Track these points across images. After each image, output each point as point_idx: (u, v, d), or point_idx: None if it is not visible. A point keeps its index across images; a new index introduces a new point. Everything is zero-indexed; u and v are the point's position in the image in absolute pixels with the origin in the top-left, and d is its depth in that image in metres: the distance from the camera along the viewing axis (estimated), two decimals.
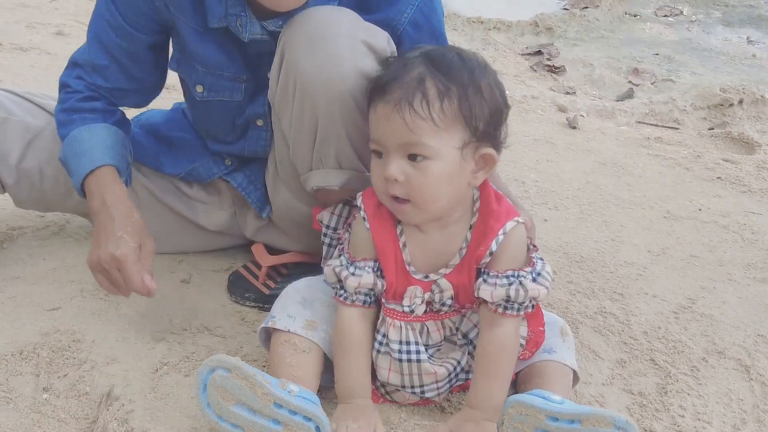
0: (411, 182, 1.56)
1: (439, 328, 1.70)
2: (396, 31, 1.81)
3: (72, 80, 2.01)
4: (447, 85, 1.54)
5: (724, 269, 2.57)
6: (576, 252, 2.56)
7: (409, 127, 1.52)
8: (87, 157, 1.90)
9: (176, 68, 1.97)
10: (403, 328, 1.67)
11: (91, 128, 1.94)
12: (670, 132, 3.90)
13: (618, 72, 4.73)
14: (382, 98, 1.56)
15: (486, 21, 5.21)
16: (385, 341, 1.68)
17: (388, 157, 1.57)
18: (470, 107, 1.55)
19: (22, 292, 2.01)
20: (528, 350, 1.74)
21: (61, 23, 4.37)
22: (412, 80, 1.54)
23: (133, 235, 1.80)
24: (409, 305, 1.66)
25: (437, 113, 1.53)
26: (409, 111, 1.52)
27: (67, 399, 1.67)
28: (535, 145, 3.52)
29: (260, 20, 1.82)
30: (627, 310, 2.25)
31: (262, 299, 2.05)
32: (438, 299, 1.67)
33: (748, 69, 5.00)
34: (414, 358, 1.67)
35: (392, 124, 1.54)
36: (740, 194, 3.20)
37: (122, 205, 1.85)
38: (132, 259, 1.77)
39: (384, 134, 1.57)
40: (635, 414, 1.83)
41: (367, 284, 1.65)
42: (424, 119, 1.52)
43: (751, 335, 2.21)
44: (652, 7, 6.22)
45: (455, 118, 1.54)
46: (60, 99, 2.02)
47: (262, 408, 1.48)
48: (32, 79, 3.52)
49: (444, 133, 1.54)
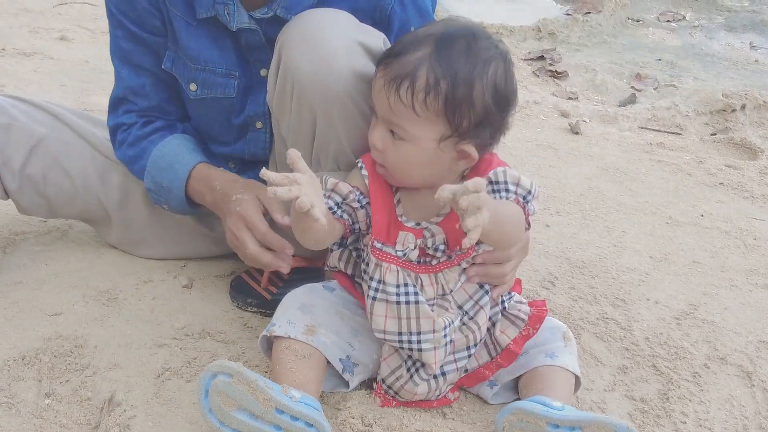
0: (386, 153, 1.64)
1: (432, 282, 1.70)
2: (384, 11, 1.85)
3: (121, 118, 2.04)
4: (437, 79, 1.55)
5: (726, 275, 2.57)
6: (578, 257, 2.56)
7: (392, 109, 1.58)
8: (178, 165, 1.96)
9: (170, 67, 1.98)
10: (400, 272, 1.68)
11: (165, 143, 1.99)
12: (673, 137, 3.90)
13: (620, 77, 4.73)
14: (380, 70, 1.61)
15: (488, 26, 5.21)
16: (381, 287, 1.68)
17: (375, 123, 1.66)
18: (455, 106, 1.57)
19: (24, 297, 2.01)
20: (532, 326, 1.77)
21: (65, 28, 4.38)
22: (409, 63, 1.57)
23: (245, 191, 1.85)
24: (402, 249, 1.68)
25: (419, 104, 1.56)
26: (394, 94, 1.57)
27: (69, 404, 1.67)
28: (537, 150, 3.52)
29: (247, 10, 1.83)
30: (629, 315, 2.25)
31: (264, 304, 2.05)
32: (431, 244, 1.67)
33: (751, 74, 5.00)
34: (412, 300, 1.67)
35: (380, 98, 1.61)
36: (742, 200, 3.20)
37: (228, 181, 1.91)
38: (252, 207, 1.82)
39: (375, 102, 1.65)
40: (637, 420, 1.83)
41: (342, 190, 1.68)
42: (405, 106, 1.57)
43: (753, 341, 2.20)
44: (655, 12, 6.22)
45: (437, 113, 1.57)
46: (118, 141, 2.06)
47: (264, 413, 1.49)
48: (36, 84, 3.53)
49: (424, 123, 1.58)
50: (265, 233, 1.80)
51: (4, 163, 2.03)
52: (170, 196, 1.99)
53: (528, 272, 2.41)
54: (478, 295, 1.73)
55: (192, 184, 1.96)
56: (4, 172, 2.03)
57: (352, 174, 1.75)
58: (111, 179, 2.12)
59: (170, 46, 1.96)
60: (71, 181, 2.09)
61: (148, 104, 2.03)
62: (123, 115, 2.04)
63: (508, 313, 1.80)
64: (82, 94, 3.48)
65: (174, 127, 2.06)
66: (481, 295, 1.73)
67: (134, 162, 2.03)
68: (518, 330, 1.77)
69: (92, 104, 3.33)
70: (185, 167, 1.95)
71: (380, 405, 1.75)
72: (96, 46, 4.22)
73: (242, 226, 1.81)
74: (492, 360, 1.79)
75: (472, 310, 1.73)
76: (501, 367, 1.78)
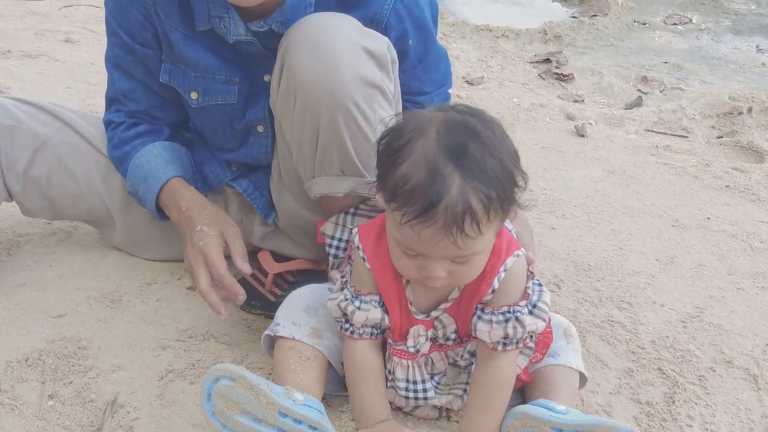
0: (455, 275, 1.52)
1: (443, 357, 1.71)
2: (380, 24, 1.82)
3: (112, 115, 2.08)
4: (489, 195, 1.44)
5: (733, 278, 2.56)
6: (584, 260, 2.55)
7: (460, 247, 1.45)
8: (151, 178, 1.98)
9: (168, 80, 1.98)
10: (410, 367, 1.67)
11: (145, 151, 2.02)
12: (679, 140, 3.89)
13: (627, 80, 4.71)
14: (425, 222, 1.42)
15: (495, 29, 5.20)
16: (392, 377, 1.68)
17: (431, 264, 1.50)
18: (509, 200, 1.50)
19: (28, 299, 2.01)
20: (539, 352, 1.73)
21: (70, 30, 4.38)
22: (453, 202, 1.41)
23: (211, 225, 1.86)
24: (414, 345, 1.65)
25: (485, 225, 1.46)
26: (461, 235, 1.43)
27: (73, 406, 1.67)
28: (543, 153, 3.51)
29: (244, 21, 1.83)
30: (635, 319, 2.24)
31: (269, 306, 2.04)
32: (442, 334, 1.67)
33: (758, 77, 4.98)
34: (421, 396, 1.69)
35: (440, 245, 1.45)
36: (749, 203, 3.18)
37: (196, 204, 1.93)
38: (214, 245, 1.82)
39: (427, 250, 1.48)
40: (642, 424, 1.82)
41: (375, 319, 1.63)
42: (474, 237, 1.45)
43: (759, 344, 2.19)
44: (661, 15, 6.20)
45: (498, 216, 1.49)
46: (108, 138, 2.09)
47: (267, 417, 1.48)
48: (41, 87, 3.53)
49: (488, 231, 1.49)
50: (222, 275, 1.80)
51: (8, 165, 2.03)
52: (145, 205, 2.03)
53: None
54: None
55: (162, 198, 1.99)
56: (8, 174, 2.03)
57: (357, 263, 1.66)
58: (114, 181, 2.12)
59: (165, 58, 1.96)
60: (75, 182, 2.09)
61: (137, 108, 2.05)
62: (114, 113, 2.08)
63: None
64: (87, 96, 3.48)
65: (160, 132, 2.07)
66: None
67: (119, 164, 2.07)
68: (527, 359, 1.72)
69: (97, 106, 3.33)
70: (156, 183, 1.98)
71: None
72: (101, 48, 4.17)
73: (200, 261, 1.82)
74: None
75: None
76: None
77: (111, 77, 2.07)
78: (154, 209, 2.00)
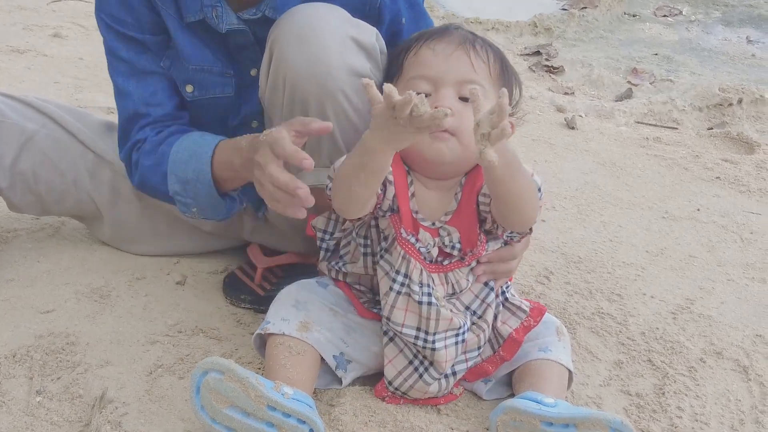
0: (463, 115, 1.62)
1: (442, 281, 1.71)
2: (374, 4, 1.83)
3: (135, 136, 1.96)
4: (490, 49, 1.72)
5: (723, 269, 2.56)
6: (574, 252, 2.55)
7: (473, 66, 1.66)
8: (200, 150, 1.85)
9: (169, 66, 1.95)
10: (423, 272, 1.68)
11: (184, 138, 1.89)
12: (669, 132, 3.89)
13: (617, 72, 4.72)
14: (441, 38, 1.69)
15: (484, 21, 5.21)
16: (407, 282, 1.67)
17: (439, 93, 1.65)
18: (507, 77, 1.74)
19: (16, 294, 2.00)
20: (533, 318, 1.77)
21: (58, 25, 4.37)
22: (462, 36, 1.70)
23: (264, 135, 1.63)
24: (425, 246, 1.68)
25: (491, 64, 1.69)
26: (473, 51, 1.67)
27: (61, 402, 1.66)
28: (533, 145, 3.51)
29: (235, 11, 1.82)
30: (625, 310, 2.24)
31: (258, 301, 2.04)
32: (448, 242, 1.69)
33: (748, 69, 5.00)
34: (434, 301, 1.67)
35: (454, 61, 1.66)
36: (739, 194, 3.19)
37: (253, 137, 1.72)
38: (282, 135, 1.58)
39: (441, 70, 1.66)
40: (632, 415, 1.82)
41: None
42: (484, 62, 1.68)
43: (749, 336, 2.19)
44: (652, 7, 6.22)
45: (498, 79, 1.71)
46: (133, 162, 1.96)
47: (256, 411, 1.47)
48: (29, 82, 3.52)
49: (490, 87, 1.68)
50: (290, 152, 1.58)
51: None
52: (198, 189, 1.87)
53: (523, 267, 2.40)
54: (483, 293, 1.74)
55: (218, 159, 1.83)
56: None
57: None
58: (102, 176, 2.11)
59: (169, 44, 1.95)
60: (62, 177, 2.08)
61: (163, 112, 1.95)
62: (139, 131, 1.95)
63: (509, 304, 1.80)
64: (75, 91, 3.47)
65: (189, 130, 1.97)
66: (487, 292, 1.74)
67: (154, 171, 1.91)
68: (519, 320, 1.77)
69: (86, 101, 3.32)
70: (208, 148, 1.84)
71: (386, 402, 1.73)
72: (90, 43, 4.21)
73: (268, 153, 1.61)
74: (495, 353, 1.78)
75: (480, 309, 1.74)
76: (504, 361, 1.77)
77: (126, 92, 1.94)
78: (210, 182, 1.83)
